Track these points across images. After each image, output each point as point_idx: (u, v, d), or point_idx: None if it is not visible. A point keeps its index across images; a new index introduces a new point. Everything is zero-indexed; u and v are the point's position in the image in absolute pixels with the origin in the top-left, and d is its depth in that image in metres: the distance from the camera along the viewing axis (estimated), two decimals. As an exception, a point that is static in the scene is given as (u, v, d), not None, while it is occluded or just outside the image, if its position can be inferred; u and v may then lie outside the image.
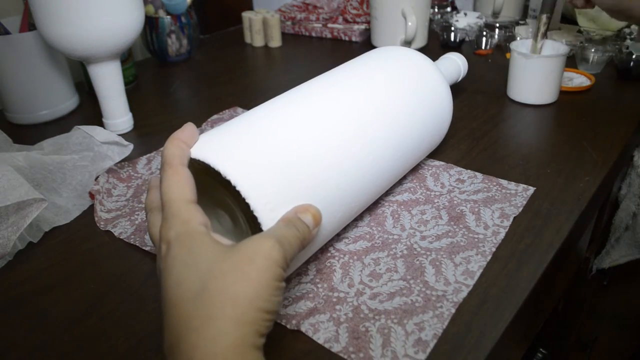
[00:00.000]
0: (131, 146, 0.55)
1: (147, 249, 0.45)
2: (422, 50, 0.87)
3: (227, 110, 0.70)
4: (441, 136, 0.52)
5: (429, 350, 0.34)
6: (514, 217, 0.46)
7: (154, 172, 0.56)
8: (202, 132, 0.62)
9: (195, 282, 0.27)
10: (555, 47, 0.69)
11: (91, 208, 0.51)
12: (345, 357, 0.34)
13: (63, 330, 0.38)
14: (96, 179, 0.53)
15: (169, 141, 0.34)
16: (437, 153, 0.57)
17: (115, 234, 0.47)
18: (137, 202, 0.51)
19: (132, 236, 0.46)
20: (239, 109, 0.71)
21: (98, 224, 0.48)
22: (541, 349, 0.67)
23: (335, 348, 0.34)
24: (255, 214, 0.32)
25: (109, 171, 0.54)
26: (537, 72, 0.66)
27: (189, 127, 0.35)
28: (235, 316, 0.26)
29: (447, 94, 0.50)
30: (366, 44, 0.97)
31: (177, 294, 0.27)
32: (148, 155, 0.60)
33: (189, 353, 0.26)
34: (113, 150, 0.54)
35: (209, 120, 0.68)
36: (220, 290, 0.27)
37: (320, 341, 0.35)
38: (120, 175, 0.55)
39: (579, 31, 0.86)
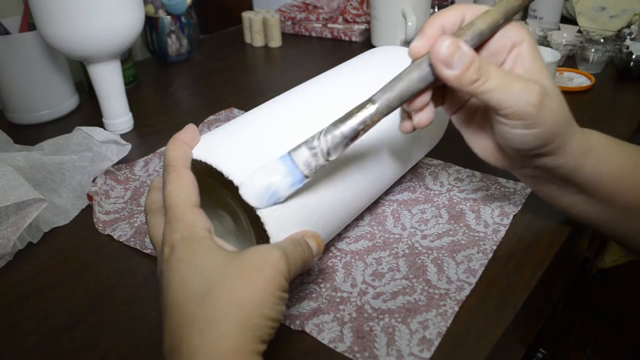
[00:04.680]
0: (129, 146, 0.55)
1: (147, 251, 0.45)
2: (422, 50, 0.87)
3: (223, 112, 0.70)
4: (440, 135, 0.52)
5: (433, 348, 0.34)
6: (514, 215, 0.46)
7: (151, 174, 0.56)
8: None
9: (200, 285, 0.27)
10: (547, 53, 0.66)
11: (90, 208, 0.51)
12: (351, 356, 0.34)
13: (63, 330, 0.37)
14: (94, 180, 0.52)
15: (170, 143, 0.34)
16: (435, 152, 0.57)
17: (115, 237, 0.47)
18: (136, 205, 0.51)
19: (132, 239, 0.46)
20: (235, 110, 0.71)
21: (97, 226, 0.48)
22: (541, 349, 0.67)
23: (340, 348, 0.34)
24: (259, 213, 0.32)
25: (107, 173, 0.54)
26: None
27: (190, 129, 0.35)
28: (240, 321, 0.26)
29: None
30: (366, 44, 0.96)
31: (181, 296, 0.27)
32: (145, 157, 0.59)
33: (190, 354, 0.25)
34: (112, 150, 0.54)
35: (205, 121, 0.68)
36: (226, 294, 0.27)
37: (325, 341, 0.35)
38: (117, 177, 0.55)
39: (579, 31, 0.86)
